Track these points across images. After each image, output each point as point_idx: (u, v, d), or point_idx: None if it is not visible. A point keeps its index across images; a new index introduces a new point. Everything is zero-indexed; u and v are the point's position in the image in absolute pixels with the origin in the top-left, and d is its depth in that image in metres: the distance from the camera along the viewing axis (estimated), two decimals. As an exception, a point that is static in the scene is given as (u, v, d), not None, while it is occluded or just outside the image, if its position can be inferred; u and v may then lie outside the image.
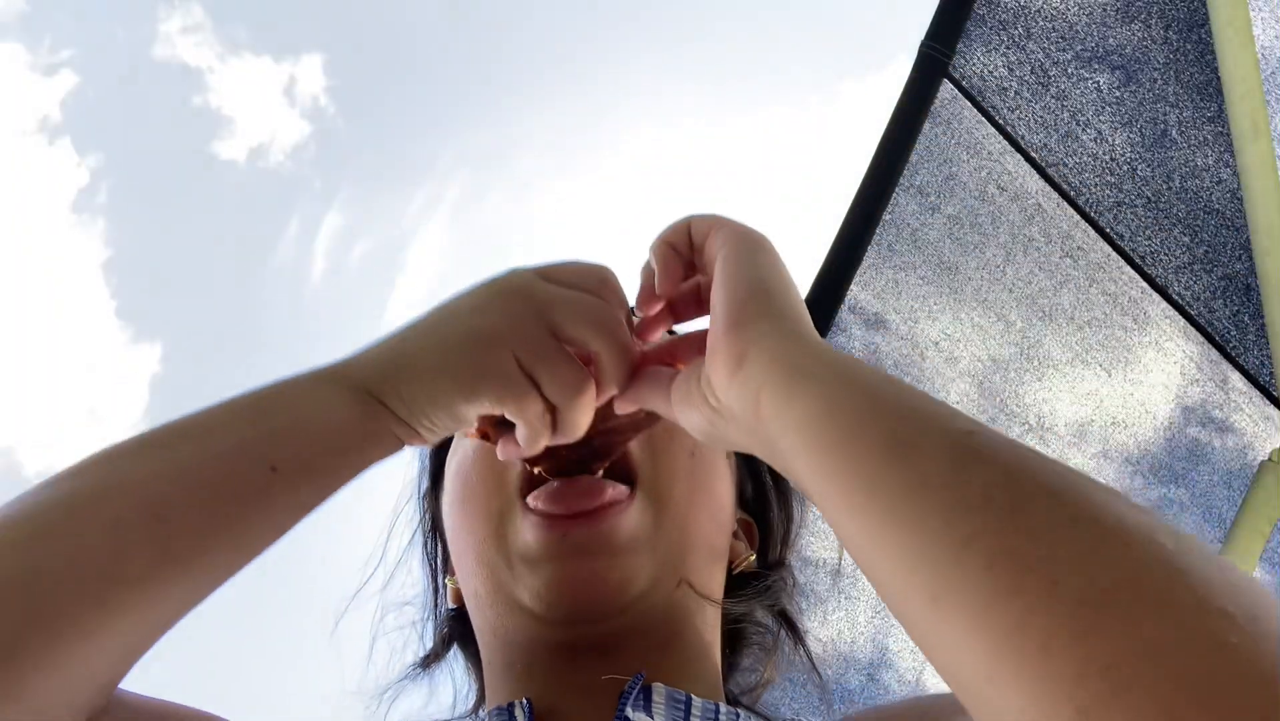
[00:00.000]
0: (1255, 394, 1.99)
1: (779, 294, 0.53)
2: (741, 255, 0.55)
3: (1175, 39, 1.92)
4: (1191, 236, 1.93)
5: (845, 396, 0.44)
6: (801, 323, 0.52)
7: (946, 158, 1.78)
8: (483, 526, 0.66)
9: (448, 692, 0.81)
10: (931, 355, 1.80)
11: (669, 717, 0.60)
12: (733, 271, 0.54)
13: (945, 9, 1.76)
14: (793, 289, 0.55)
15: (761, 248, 0.56)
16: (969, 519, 0.36)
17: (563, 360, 0.55)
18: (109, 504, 0.48)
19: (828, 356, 0.48)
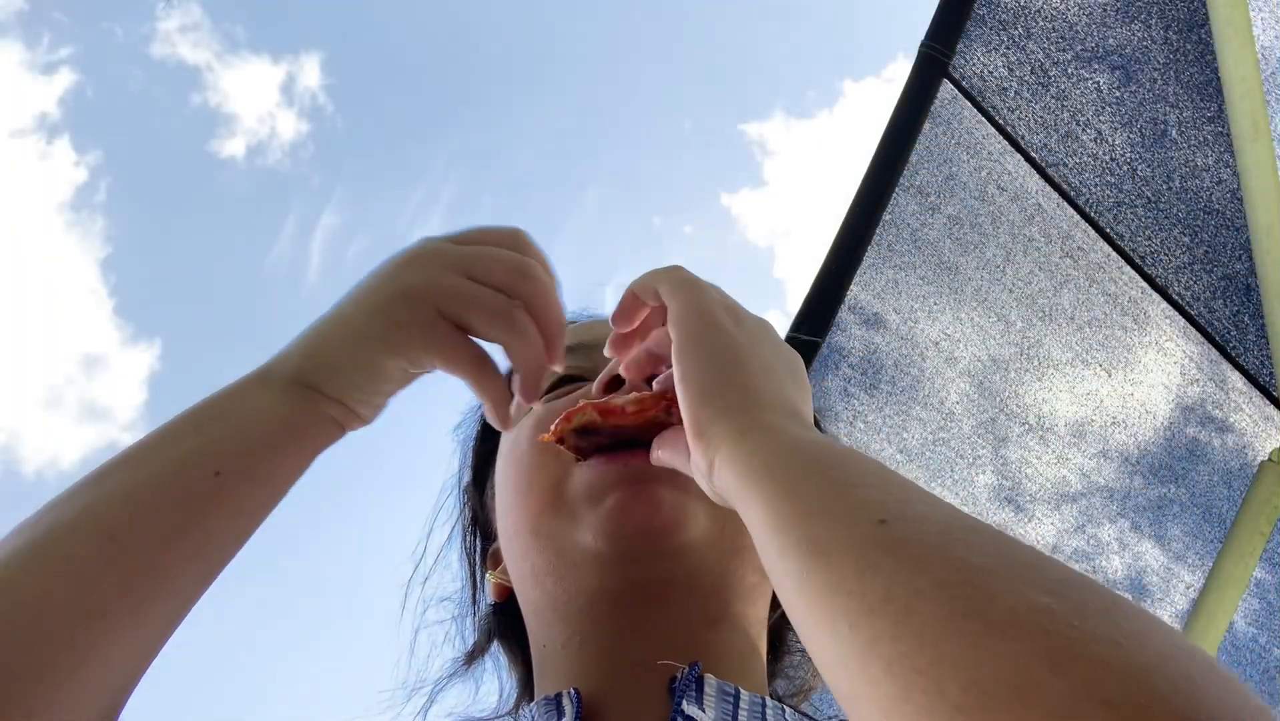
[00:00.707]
0: (1255, 394, 1.99)
1: (728, 380, 0.54)
2: (688, 343, 0.56)
3: (1175, 39, 1.92)
4: (1191, 236, 1.93)
5: (781, 498, 0.46)
6: (751, 410, 0.53)
7: (946, 158, 1.78)
8: (539, 499, 0.68)
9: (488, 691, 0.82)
10: (931, 355, 1.80)
11: (719, 711, 0.60)
12: (684, 368, 0.56)
13: (945, 9, 1.76)
14: (746, 357, 0.56)
15: (706, 320, 0.57)
16: (871, 623, 0.37)
17: (486, 296, 0.57)
18: (65, 543, 0.49)
19: (774, 451, 0.49)
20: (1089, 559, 1.94)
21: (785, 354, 0.60)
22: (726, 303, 0.60)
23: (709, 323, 0.57)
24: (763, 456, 0.49)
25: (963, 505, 1.83)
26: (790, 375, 0.58)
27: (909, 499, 0.42)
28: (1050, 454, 1.89)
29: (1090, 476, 1.93)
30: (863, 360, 1.74)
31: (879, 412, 1.75)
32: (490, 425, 0.83)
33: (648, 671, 0.63)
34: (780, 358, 0.59)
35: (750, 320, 0.59)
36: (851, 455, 0.47)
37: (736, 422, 0.52)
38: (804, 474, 0.46)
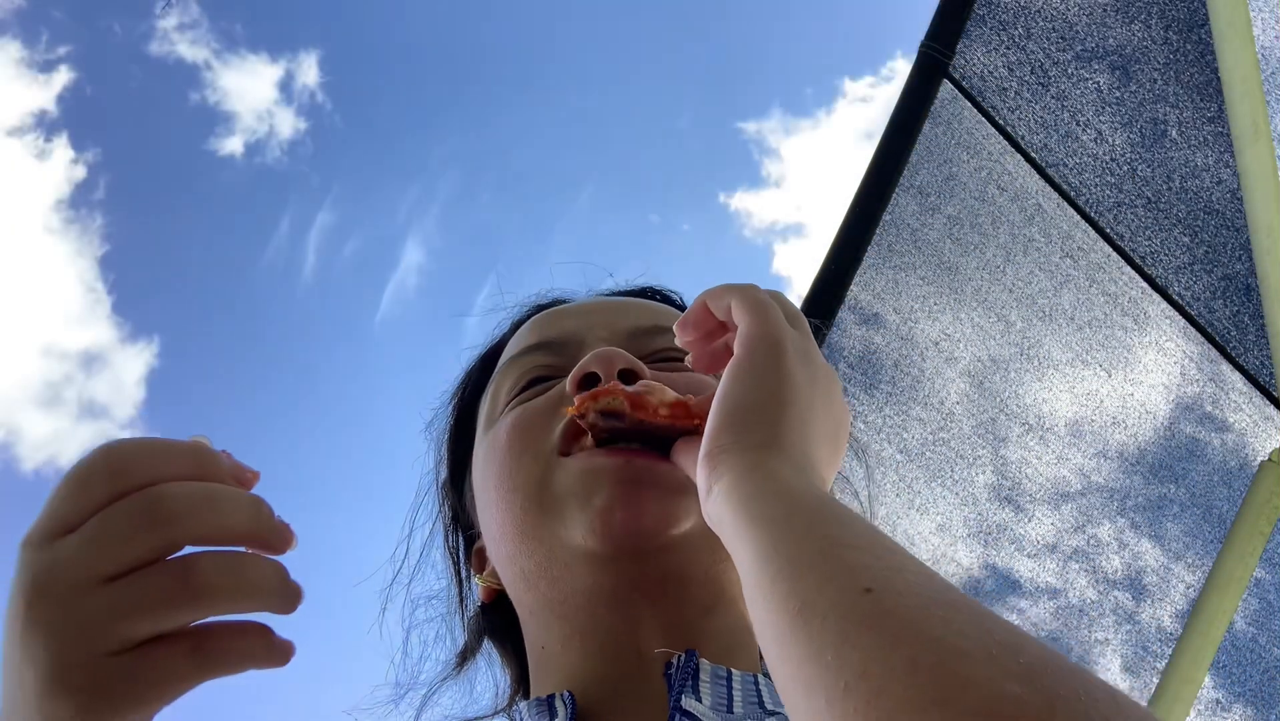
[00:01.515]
0: (1255, 394, 1.99)
1: (761, 416, 0.54)
2: (744, 367, 0.56)
3: (1175, 39, 1.92)
4: (1191, 236, 1.93)
5: (773, 549, 0.45)
6: (767, 450, 0.52)
7: (946, 158, 1.78)
8: (523, 498, 0.67)
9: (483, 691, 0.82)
10: (931, 355, 1.80)
11: (714, 695, 0.61)
12: (728, 388, 0.55)
13: (945, 9, 1.76)
14: (791, 399, 0.55)
15: (773, 352, 0.56)
16: (845, 700, 0.37)
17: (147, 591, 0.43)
18: None
19: (775, 498, 0.49)
20: (1088, 558, 1.94)
21: (835, 410, 0.59)
22: (798, 341, 0.58)
23: (774, 353, 0.56)
24: (762, 501, 0.49)
25: (963, 505, 1.83)
26: (829, 433, 0.58)
27: (896, 566, 0.42)
28: (1050, 453, 1.89)
29: (1090, 476, 1.93)
30: (862, 360, 1.74)
31: (879, 412, 1.75)
32: (463, 422, 0.83)
33: (646, 663, 0.63)
34: (828, 412, 0.58)
35: (817, 365, 0.58)
36: (848, 516, 0.47)
37: (748, 459, 0.52)
38: (798, 527, 0.46)
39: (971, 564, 1.85)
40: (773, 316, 0.58)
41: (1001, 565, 1.88)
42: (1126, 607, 1.95)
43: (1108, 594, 1.94)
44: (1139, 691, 1.93)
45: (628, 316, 0.78)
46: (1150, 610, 1.97)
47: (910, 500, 1.79)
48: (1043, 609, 1.91)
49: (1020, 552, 1.89)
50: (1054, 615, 1.91)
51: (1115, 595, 1.95)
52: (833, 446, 0.58)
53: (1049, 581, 1.91)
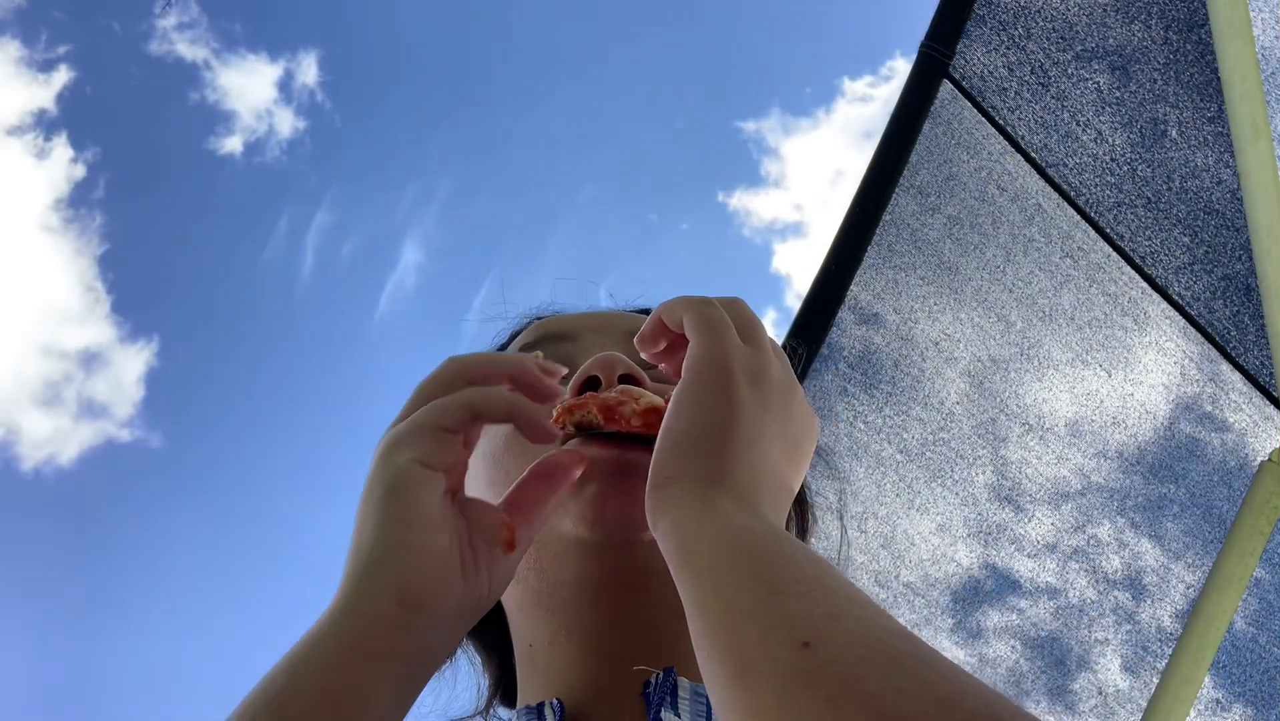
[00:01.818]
0: (1255, 394, 1.99)
1: (704, 446, 0.54)
2: (687, 393, 0.56)
3: (1175, 39, 1.92)
4: (1191, 236, 1.93)
5: (713, 596, 0.46)
6: (711, 483, 0.52)
7: (946, 158, 1.78)
8: None
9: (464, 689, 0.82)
10: (931, 355, 1.80)
11: (692, 713, 0.61)
12: (671, 417, 0.55)
13: (945, 9, 1.76)
14: (738, 422, 0.55)
15: (718, 376, 0.56)
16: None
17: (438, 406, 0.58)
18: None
19: (714, 540, 0.49)
20: (1088, 558, 1.94)
21: (792, 427, 0.58)
22: (748, 359, 0.57)
23: (719, 377, 0.56)
24: (701, 544, 0.49)
25: (963, 505, 1.83)
26: (785, 451, 0.57)
27: (835, 613, 0.43)
28: (1050, 454, 1.90)
29: (1090, 476, 1.93)
30: (863, 360, 1.74)
31: (879, 413, 1.75)
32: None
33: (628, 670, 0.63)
34: (783, 430, 0.57)
35: (769, 383, 0.58)
36: (788, 555, 0.47)
37: (690, 492, 0.52)
38: (737, 573, 0.46)
39: (971, 564, 1.86)
40: (719, 337, 0.57)
41: (1001, 565, 1.88)
42: (1126, 607, 1.95)
43: (1108, 593, 1.94)
44: (1139, 691, 1.93)
45: (625, 321, 0.80)
46: (1150, 610, 1.97)
47: (910, 500, 1.79)
48: (1042, 608, 1.91)
49: (1020, 552, 1.89)
50: (1054, 615, 1.91)
51: (1115, 595, 1.95)
52: (790, 462, 0.58)
53: (1049, 581, 1.91)
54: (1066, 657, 1.91)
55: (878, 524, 1.76)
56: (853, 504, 1.74)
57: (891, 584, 1.78)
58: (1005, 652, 1.88)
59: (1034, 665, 1.89)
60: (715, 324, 0.58)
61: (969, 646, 1.85)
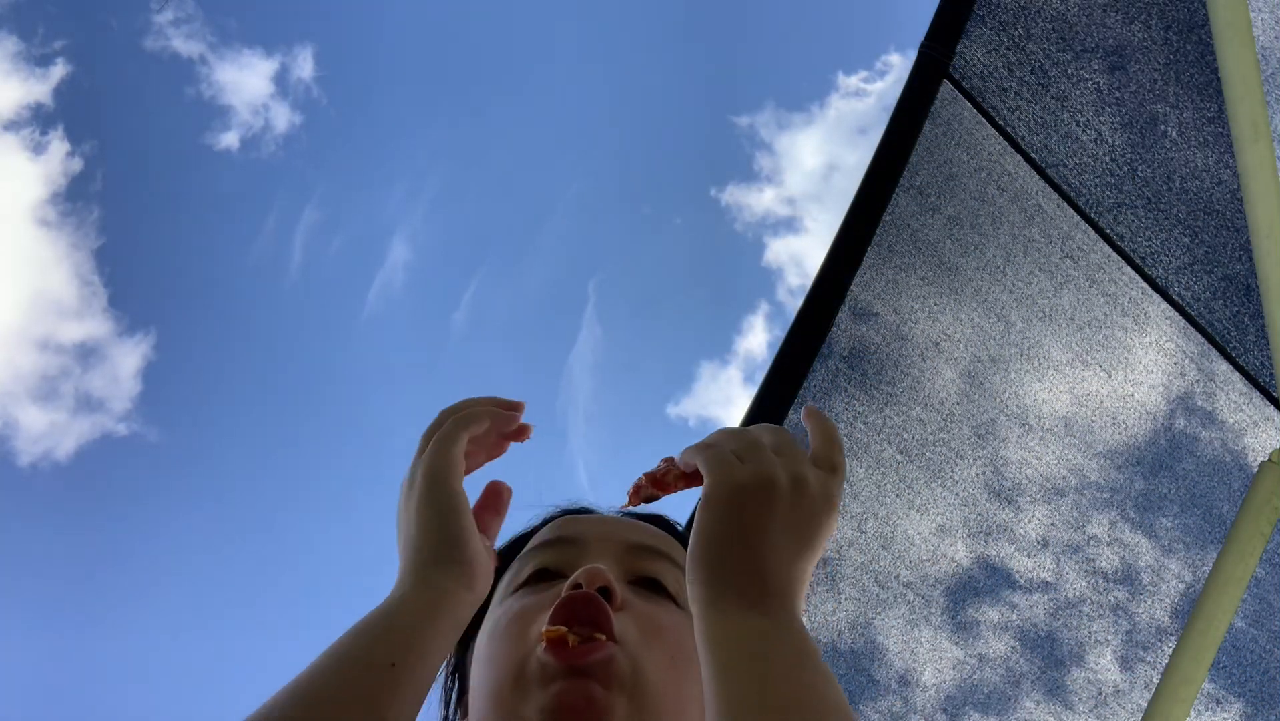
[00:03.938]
0: (1255, 394, 1.99)
1: (714, 560, 0.67)
2: (697, 517, 0.68)
3: (1175, 39, 1.92)
4: (1191, 237, 1.93)
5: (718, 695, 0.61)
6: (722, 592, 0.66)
7: (946, 158, 1.78)
8: (506, 674, 0.81)
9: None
10: (931, 355, 1.80)
11: None
12: (692, 535, 0.68)
13: (945, 9, 1.76)
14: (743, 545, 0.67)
15: (718, 504, 0.68)
16: None
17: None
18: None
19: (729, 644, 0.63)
20: (1088, 559, 1.94)
21: (799, 516, 0.68)
22: (750, 479, 0.68)
23: (717, 503, 0.67)
24: (713, 647, 0.64)
25: (962, 505, 1.83)
26: (796, 539, 0.68)
27: (803, 702, 0.58)
28: (1051, 454, 1.90)
29: (1089, 476, 1.94)
30: (863, 360, 1.74)
31: (879, 413, 1.75)
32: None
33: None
34: (793, 524, 0.68)
35: (777, 490, 0.68)
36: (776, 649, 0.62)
37: (703, 599, 0.66)
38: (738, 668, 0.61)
39: (971, 564, 1.86)
40: (719, 468, 0.69)
41: (1002, 565, 1.88)
42: (1126, 607, 1.96)
43: (1108, 593, 1.94)
44: (1138, 690, 1.94)
45: (633, 533, 0.93)
46: (1150, 610, 1.97)
47: (910, 500, 1.79)
48: (1042, 608, 1.91)
49: (1020, 552, 1.89)
50: (1054, 614, 1.91)
51: (1115, 595, 1.95)
52: (804, 547, 0.68)
53: (1048, 580, 1.91)
54: (1063, 654, 1.91)
55: (877, 524, 1.76)
56: (853, 504, 1.74)
57: (891, 583, 1.78)
58: (1002, 650, 1.88)
59: (1032, 663, 1.89)
60: (714, 459, 0.70)
61: (968, 646, 1.86)
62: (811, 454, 0.73)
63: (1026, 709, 1.89)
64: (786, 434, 0.74)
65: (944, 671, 1.84)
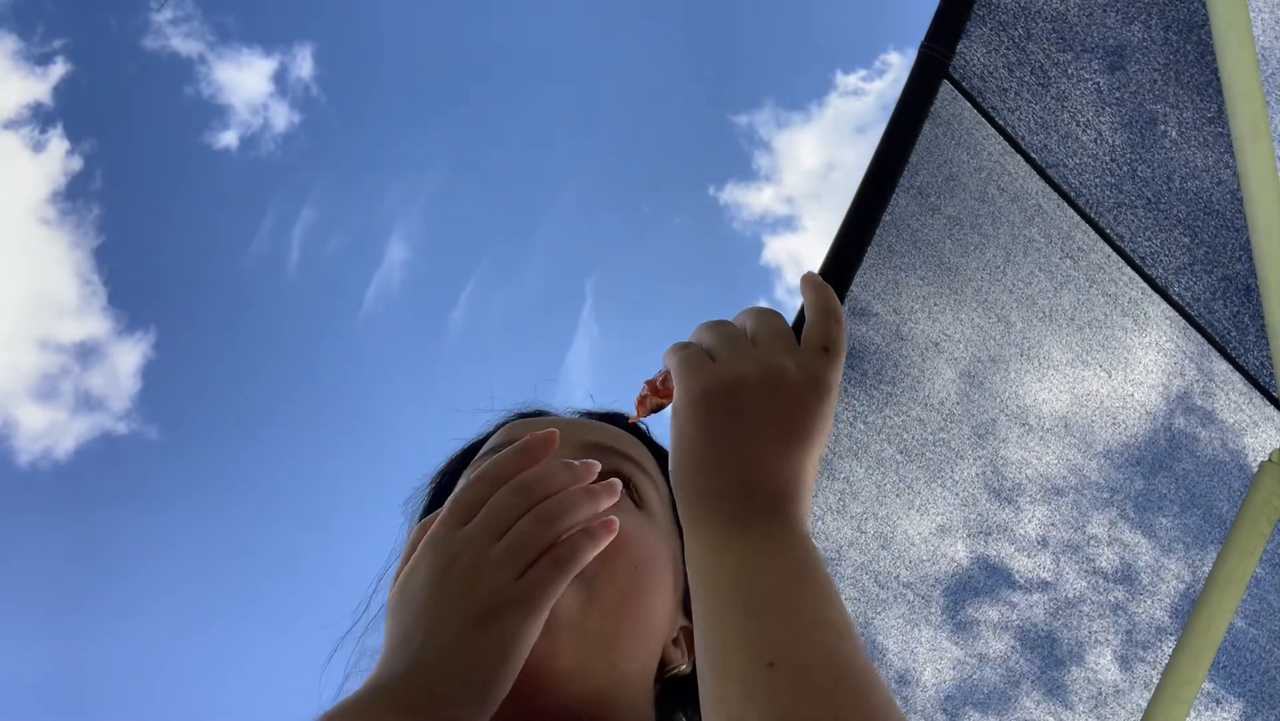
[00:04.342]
0: (1255, 394, 1.99)
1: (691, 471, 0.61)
2: (676, 430, 0.63)
3: (1175, 39, 1.92)
4: (1191, 237, 1.93)
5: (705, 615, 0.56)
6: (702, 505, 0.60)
7: (946, 158, 1.78)
8: None
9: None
10: (931, 355, 1.80)
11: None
12: (671, 457, 0.63)
13: (945, 9, 1.76)
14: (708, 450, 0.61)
15: (688, 409, 0.62)
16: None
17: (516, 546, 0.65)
18: None
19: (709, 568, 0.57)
20: (1088, 559, 1.94)
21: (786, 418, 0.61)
22: (715, 380, 0.62)
23: (687, 409, 0.62)
24: (696, 565, 0.58)
25: (963, 505, 1.83)
26: (782, 437, 0.61)
27: (797, 636, 0.51)
28: (1051, 454, 1.90)
29: (1089, 476, 1.94)
30: (862, 360, 1.74)
31: (879, 413, 1.75)
32: (436, 505, 0.89)
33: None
34: (776, 423, 0.61)
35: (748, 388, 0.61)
36: (766, 573, 0.55)
37: (687, 518, 0.60)
38: (723, 597, 0.55)
39: (971, 564, 1.86)
40: (686, 371, 0.63)
41: (1001, 564, 1.88)
42: (1126, 607, 1.96)
43: (1107, 593, 1.94)
44: (1138, 689, 1.94)
45: (590, 432, 0.85)
46: (1150, 610, 1.97)
47: (910, 500, 1.79)
48: (1042, 608, 1.91)
49: (1020, 552, 1.89)
50: (1053, 614, 1.91)
51: (1115, 594, 1.95)
52: (792, 444, 0.61)
53: (1048, 580, 1.91)
54: (1063, 654, 1.91)
55: (877, 524, 1.77)
56: (853, 504, 1.74)
57: (890, 583, 1.78)
58: (1002, 650, 1.88)
59: (1031, 663, 1.89)
60: (681, 361, 0.64)
61: (968, 646, 1.86)
62: (805, 332, 0.65)
63: (1026, 708, 1.89)
64: (772, 317, 0.66)
65: (943, 671, 1.84)
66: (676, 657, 0.79)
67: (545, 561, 0.63)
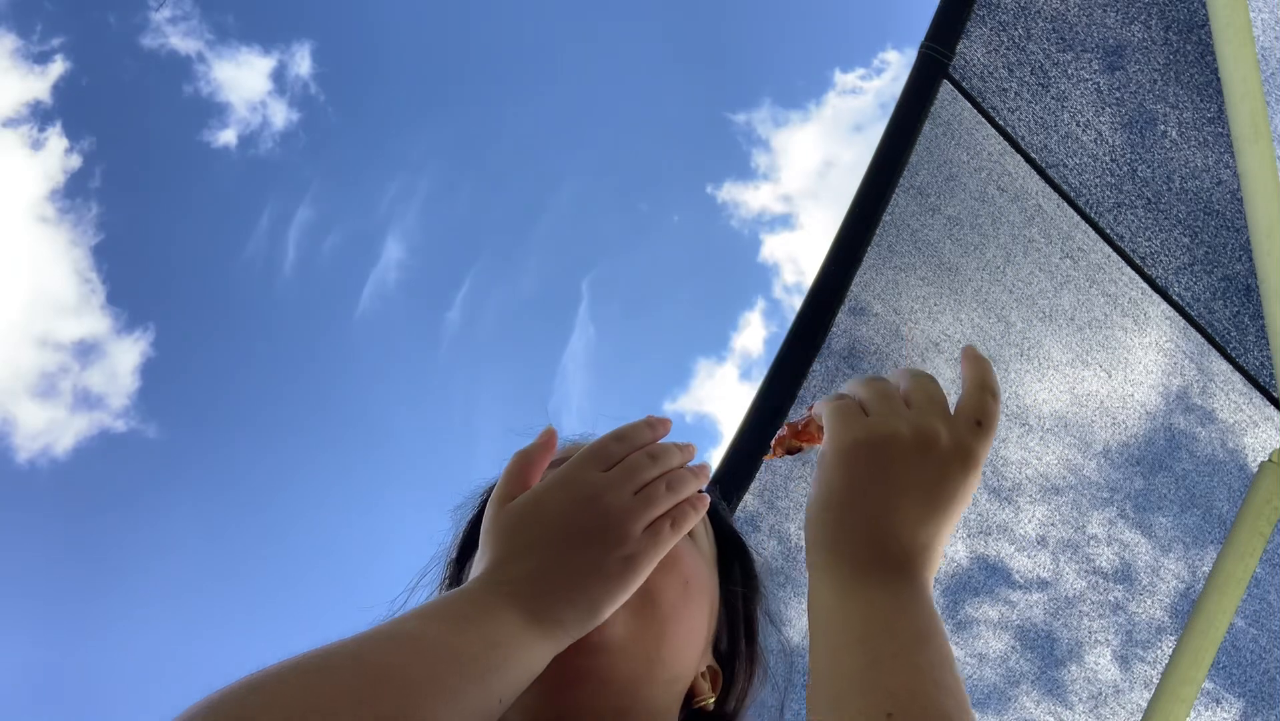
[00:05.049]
0: (1255, 394, 1.99)
1: (829, 520, 0.63)
2: (822, 476, 0.65)
3: (1175, 39, 1.92)
4: (1191, 237, 1.93)
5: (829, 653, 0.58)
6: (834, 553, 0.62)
7: (946, 158, 1.78)
8: None
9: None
10: (931, 355, 1.80)
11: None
12: (811, 500, 0.66)
13: (945, 9, 1.76)
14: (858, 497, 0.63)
15: (836, 462, 0.64)
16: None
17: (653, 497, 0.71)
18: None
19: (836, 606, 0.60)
20: (1088, 558, 1.94)
21: (930, 483, 0.63)
22: (869, 434, 0.64)
23: (835, 461, 0.64)
24: (822, 610, 0.61)
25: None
26: (921, 500, 0.63)
27: (916, 692, 0.53)
28: (1050, 454, 1.90)
29: (1089, 476, 1.94)
30: (862, 360, 1.74)
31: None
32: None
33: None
34: (917, 485, 0.63)
35: (895, 447, 0.63)
36: (892, 628, 0.57)
37: (816, 563, 0.63)
38: (847, 641, 0.57)
39: (971, 563, 1.86)
40: (838, 424, 0.66)
41: (1001, 564, 1.88)
42: (1126, 606, 1.96)
43: (1107, 593, 1.94)
44: (1136, 688, 1.94)
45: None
46: (1149, 609, 1.97)
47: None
48: (1041, 607, 1.91)
49: (1020, 552, 1.89)
50: (1053, 613, 1.91)
51: (1114, 594, 1.95)
52: (930, 509, 0.63)
53: (1047, 579, 1.91)
54: (1062, 653, 1.91)
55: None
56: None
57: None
58: (1001, 649, 1.88)
59: (1030, 662, 1.89)
60: (836, 411, 0.67)
61: (967, 645, 1.86)
62: (959, 404, 0.67)
63: (1025, 707, 1.89)
64: (928, 382, 0.68)
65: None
66: (705, 690, 0.82)
67: (665, 519, 0.70)
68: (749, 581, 0.89)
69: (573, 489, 0.69)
